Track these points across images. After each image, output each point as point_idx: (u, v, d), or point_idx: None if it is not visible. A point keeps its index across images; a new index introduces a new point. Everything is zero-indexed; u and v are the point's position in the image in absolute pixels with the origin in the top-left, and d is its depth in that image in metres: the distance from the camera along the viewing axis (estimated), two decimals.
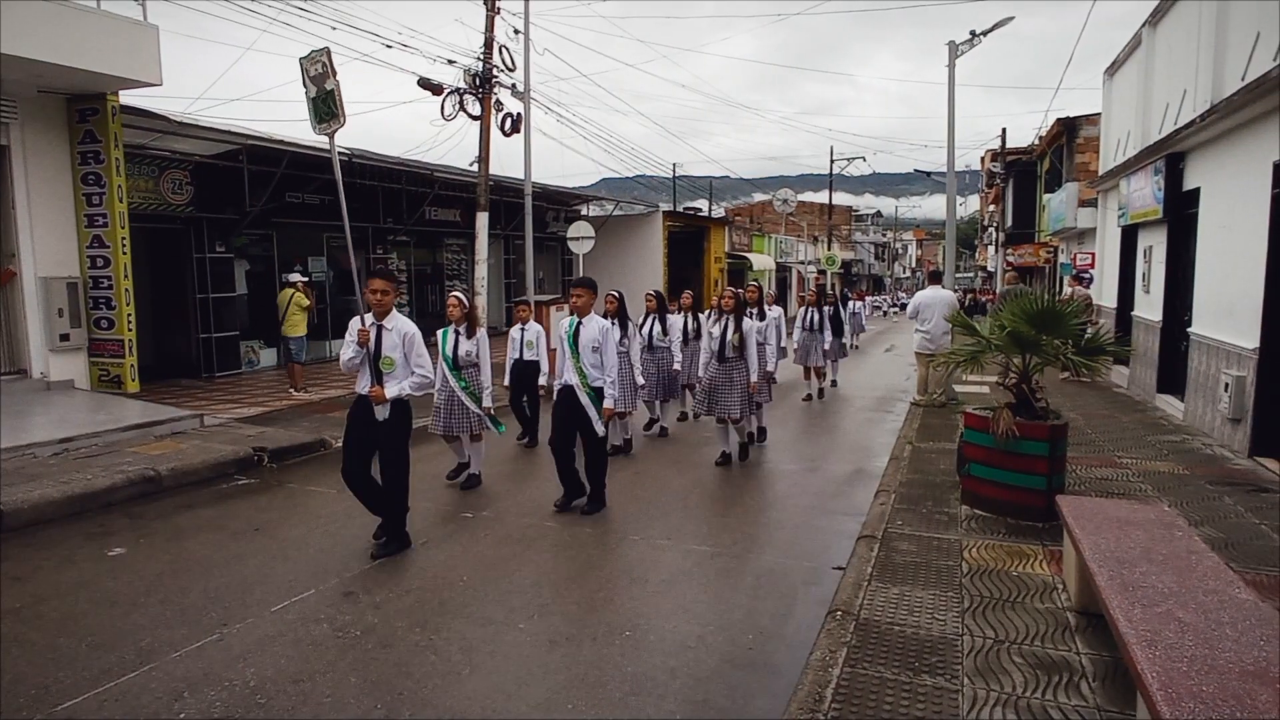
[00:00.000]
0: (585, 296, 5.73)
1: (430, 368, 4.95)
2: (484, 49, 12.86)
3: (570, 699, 3.27)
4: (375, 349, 4.80)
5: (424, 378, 4.91)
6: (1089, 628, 3.54)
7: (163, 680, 3.41)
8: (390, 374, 4.83)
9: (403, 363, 4.86)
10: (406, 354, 4.86)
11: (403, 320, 4.93)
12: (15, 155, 9.06)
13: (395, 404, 4.85)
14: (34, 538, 5.33)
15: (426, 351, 4.94)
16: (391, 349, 4.83)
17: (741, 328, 7.01)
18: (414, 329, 4.90)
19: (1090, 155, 17.40)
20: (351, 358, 4.86)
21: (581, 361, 5.63)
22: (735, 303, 7.13)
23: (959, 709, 2.90)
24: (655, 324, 8.65)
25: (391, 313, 4.90)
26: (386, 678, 3.44)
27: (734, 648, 3.74)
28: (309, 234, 15.18)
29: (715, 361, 7.14)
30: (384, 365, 4.82)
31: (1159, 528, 3.54)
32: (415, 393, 4.90)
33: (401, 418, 4.91)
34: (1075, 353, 5.27)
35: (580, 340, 5.64)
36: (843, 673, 3.16)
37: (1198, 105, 8.05)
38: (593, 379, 5.63)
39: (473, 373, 6.45)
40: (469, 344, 6.42)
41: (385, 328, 4.84)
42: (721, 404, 7.09)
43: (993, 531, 4.95)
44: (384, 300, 4.81)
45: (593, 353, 5.62)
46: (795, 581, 4.58)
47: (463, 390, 6.35)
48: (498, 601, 4.27)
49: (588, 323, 5.71)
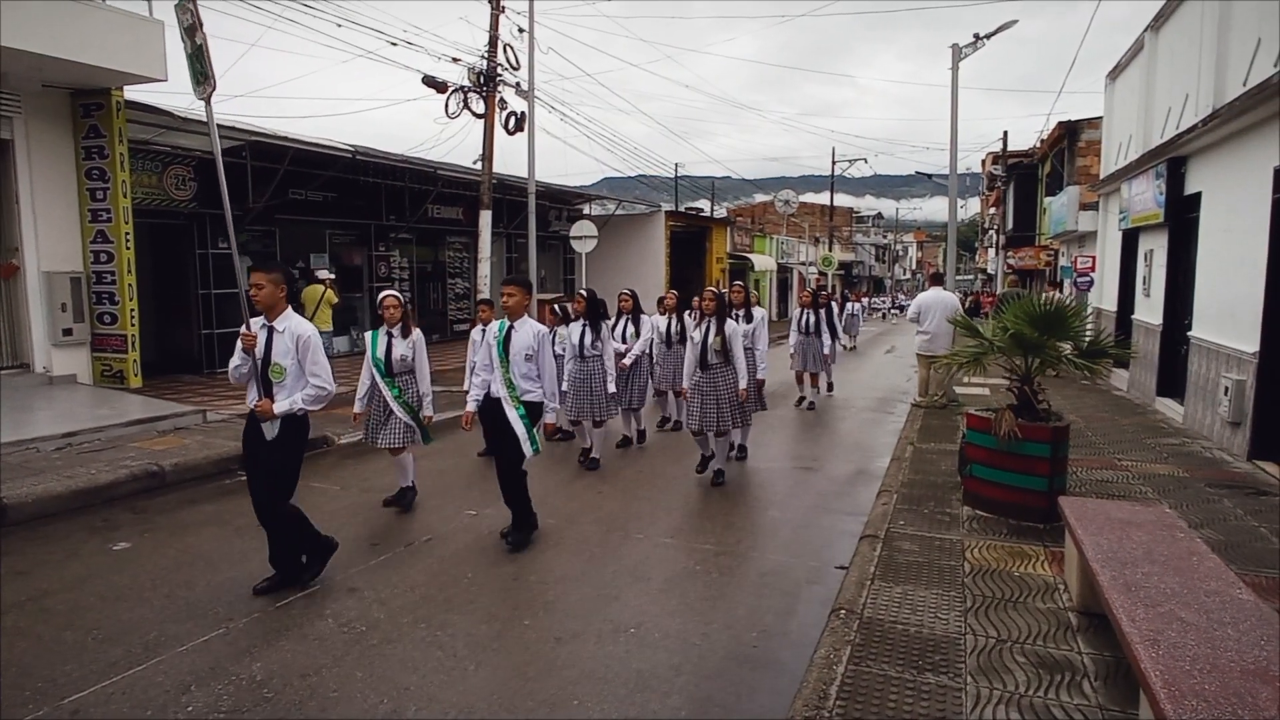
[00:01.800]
0: (517, 295, 4.99)
1: (329, 378, 4.24)
2: (488, 47, 12.88)
3: (576, 695, 3.29)
4: (264, 355, 4.14)
5: (320, 389, 4.19)
6: (1090, 628, 3.56)
7: (169, 674, 3.43)
8: (280, 384, 4.15)
9: (296, 371, 4.19)
10: (300, 360, 4.18)
11: (297, 321, 4.25)
12: (19, 149, 9.08)
13: (287, 421, 4.18)
14: (37, 532, 5.35)
15: (325, 359, 4.26)
16: (282, 355, 4.15)
17: (724, 330, 6.43)
18: (310, 331, 4.23)
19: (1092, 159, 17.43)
20: (238, 365, 4.20)
21: (511, 371, 4.95)
22: (716, 304, 6.53)
23: (962, 707, 2.93)
24: (628, 325, 8.16)
25: (285, 312, 4.21)
26: (392, 673, 3.46)
27: (738, 645, 3.76)
28: (311, 230, 15.20)
29: (699, 369, 6.51)
30: (273, 374, 4.14)
31: (1160, 529, 3.56)
32: (311, 407, 4.21)
33: (292, 436, 4.22)
34: (1077, 355, 5.29)
35: (511, 347, 4.97)
36: (847, 670, 3.18)
37: (1199, 110, 8.08)
38: (523, 392, 4.96)
39: (408, 380, 5.79)
40: (404, 346, 5.75)
41: (276, 330, 4.15)
42: (705, 415, 6.44)
43: (994, 532, 4.98)
44: (261, 295, 4.11)
45: (525, 361, 4.96)
46: (799, 580, 4.60)
47: (395, 399, 5.70)
48: (502, 598, 4.29)
49: (520, 327, 5.01)
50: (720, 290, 6.78)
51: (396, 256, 17.49)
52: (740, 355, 6.50)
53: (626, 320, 8.16)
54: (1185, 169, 8.92)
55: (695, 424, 6.51)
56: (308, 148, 12.57)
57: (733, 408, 6.48)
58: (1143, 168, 10.11)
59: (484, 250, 13.47)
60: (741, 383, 6.47)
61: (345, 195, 15.12)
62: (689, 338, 6.78)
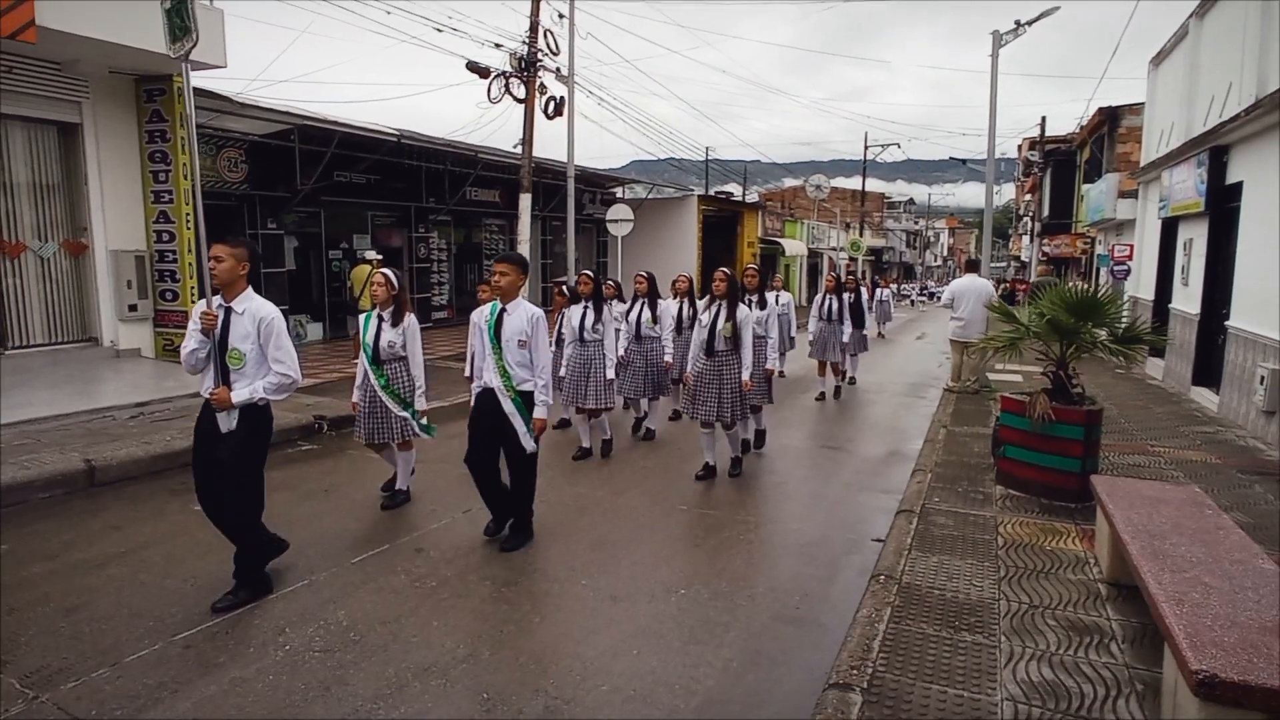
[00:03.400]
0: (511, 275, 4.58)
1: (294, 364, 3.88)
2: (529, 33, 13.09)
3: (634, 646, 3.57)
4: (221, 338, 3.78)
5: (284, 376, 3.84)
6: (1119, 597, 3.77)
7: (265, 618, 3.78)
8: (239, 371, 3.80)
9: (257, 357, 3.83)
10: (262, 345, 3.82)
11: (259, 302, 3.87)
12: (88, 133, 9.51)
13: (246, 411, 3.81)
14: (124, 492, 5.76)
15: (290, 344, 3.90)
16: (241, 339, 3.78)
17: (735, 316, 6.01)
18: (274, 313, 3.86)
19: (1132, 145, 17.23)
20: (194, 350, 3.80)
21: (505, 359, 4.56)
22: (728, 286, 6.05)
23: (997, 661, 3.16)
24: (644, 310, 7.54)
25: (245, 292, 3.84)
26: (465, 622, 3.78)
27: (782, 607, 4.03)
28: (355, 211, 15.61)
29: (704, 355, 6.10)
30: (231, 360, 3.78)
31: (1189, 506, 3.75)
32: (273, 396, 3.86)
33: (253, 429, 3.86)
34: (1113, 340, 5.44)
35: (504, 332, 4.58)
36: (888, 628, 3.43)
37: (1243, 99, 8.07)
38: (519, 380, 4.58)
39: (397, 368, 5.34)
40: (393, 333, 5.27)
41: (234, 311, 3.79)
42: (707, 405, 6.06)
43: (1027, 510, 5.18)
44: (219, 270, 3.74)
45: (519, 348, 4.57)
46: (837, 551, 4.85)
47: (383, 389, 5.28)
48: (558, 562, 4.59)
49: (514, 310, 4.61)
50: (731, 272, 6.27)
51: (435, 238, 17.87)
52: (748, 344, 6.05)
53: (643, 304, 7.58)
54: (1227, 158, 8.90)
55: (698, 414, 6.14)
56: (355, 131, 12.92)
57: (735, 399, 6.07)
58: (1184, 156, 10.08)
59: (523, 233, 13.76)
60: (745, 374, 6.01)
61: (387, 178, 15.48)
62: (698, 321, 6.34)
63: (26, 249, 9.19)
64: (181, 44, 4.15)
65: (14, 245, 9.05)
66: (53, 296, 9.49)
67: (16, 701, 3.02)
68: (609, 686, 3.22)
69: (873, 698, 2.88)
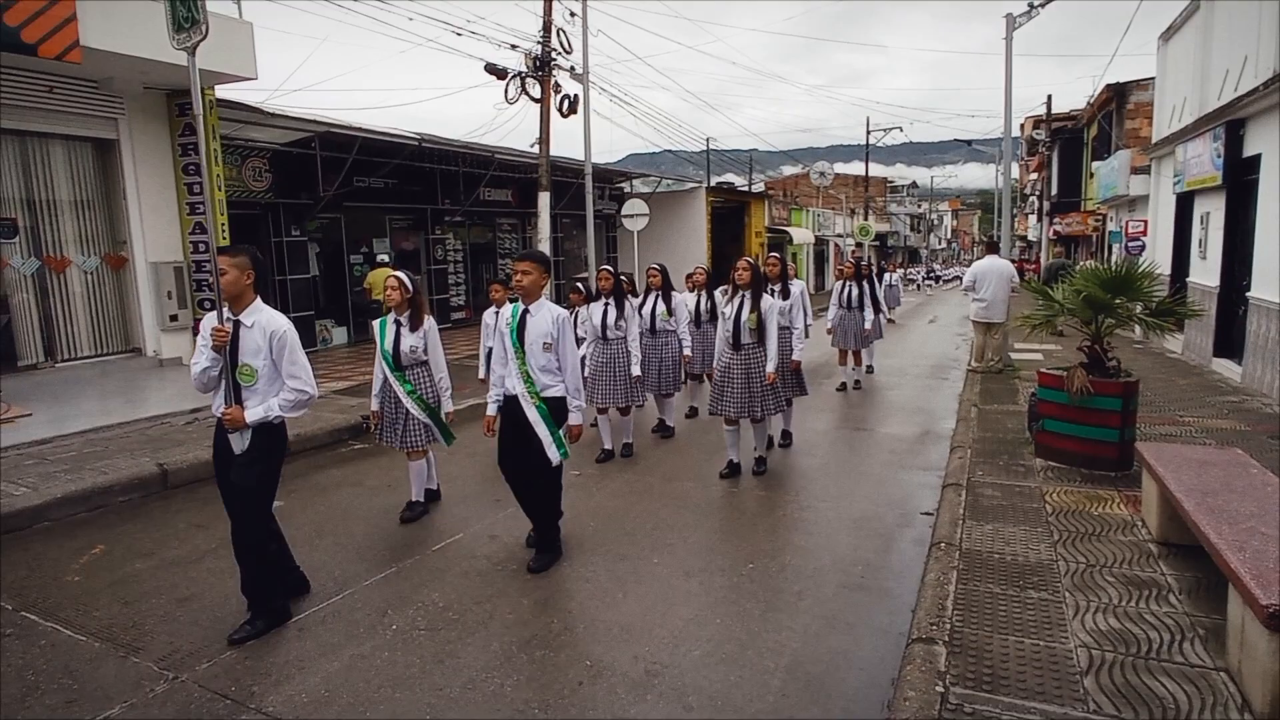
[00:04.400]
0: (534, 274, 4.27)
1: (310, 379, 3.70)
2: (542, 32, 13.29)
3: (716, 615, 3.81)
4: (231, 354, 3.58)
5: (300, 392, 3.65)
6: (1171, 555, 3.99)
7: (365, 601, 4.02)
8: (251, 388, 3.59)
9: (269, 372, 3.62)
10: (275, 360, 3.62)
11: (269, 314, 3.66)
12: (124, 149, 9.75)
13: (260, 431, 3.61)
14: (197, 493, 6.01)
15: (304, 357, 3.73)
16: (252, 354, 3.59)
17: (760, 307, 5.79)
18: (285, 325, 3.67)
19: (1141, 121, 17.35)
20: (206, 368, 3.59)
21: (528, 364, 4.27)
22: (752, 276, 5.83)
23: (1065, 615, 3.39)
24: (658, 303, 7.35)
25: (254, 304, 3.64)
26: (554, 600, 4.02)
27: (847, 576, 4.25)
28: (374, 216, 15.85)
29: (729, 349, 5.91)
30: (242, 376, 3.58)
31: (1235, 466, 3.96)
32: (289, 414, 3.66)
33: (266, 450, 3.65)
34: (1148, 314, 5.64)
35: (527, 335, 4.28)
36: (957, 589, 3.66)
37: (1260, 73, 8.23)
38: (543, 387, 4.28)
39: (420, 373, 5.21)
40: (414, 338, 5.13)
41: (244, 324, 3.60)
42: (736, 401, 5.87)
43: (1069, 480, 5.39)
44: (224, 282, 3.54)
45: (544, 352, 4.27)
46: (890, 525, 5.07)
47: (409, 395, 5.16)
48: (627, 541, 4.82)
49: (537, 311, 4.30)
50: (754, 261, 6.00)
51: (451, 239, 18.11)
52: (774, 335, 5.85)
53: (656, 297, 7.38)
54: (1244, 131, 9.06)
55: (728, 409, 5.91)
56: (375, 137, 13.14)
57: (765, 392, 5.87)
58: (1199, 130, 10.23)
59: (543, 231, 13.98)
60: (770, 365, 5.83)
61: (404, 181, 15.71)
62: (720, 314, 6.13)
63: (71, 263, 9.45)
64: (188, 35, 3.82)
65: (59, 260, 9.32)
66: (97, 309, 9.76)
67: (159, 682, 3.27)
68: (701, 651, 3.46)
69: (956, 649, 3.11)
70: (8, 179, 9.01)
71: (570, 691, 3.16)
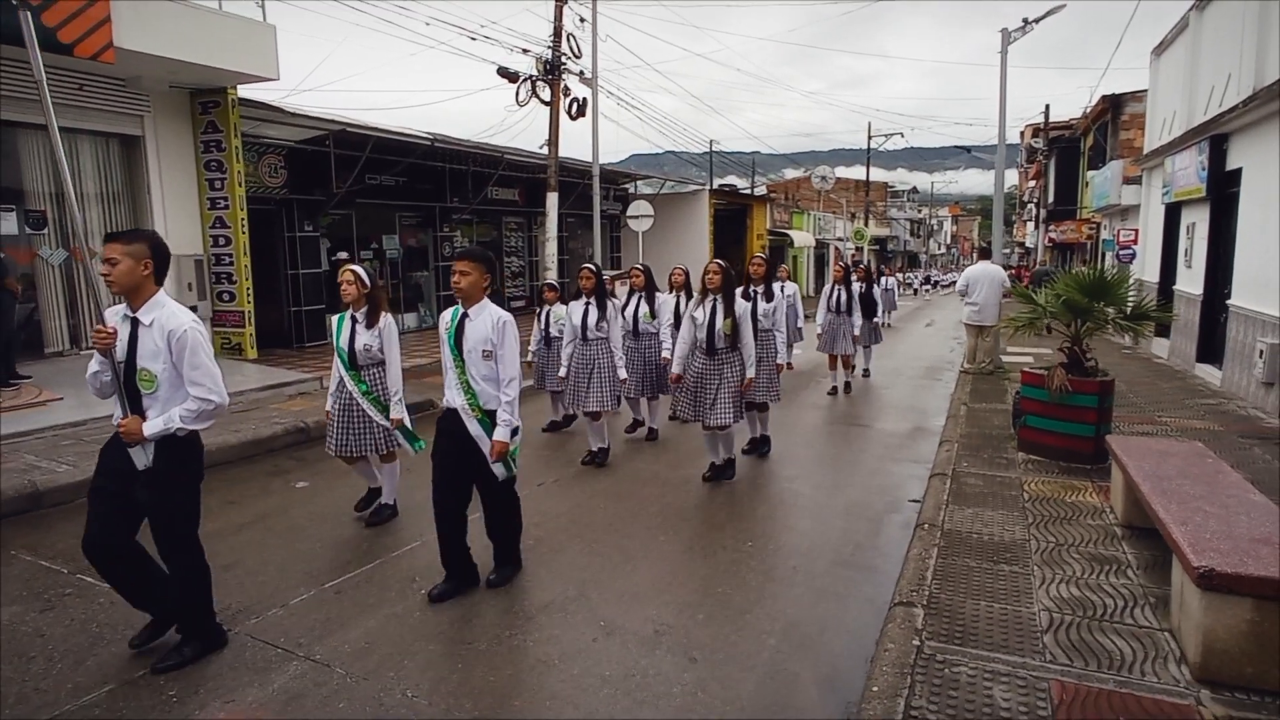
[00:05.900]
0: (473, 274, 3.85)
1: (217, 386, 3.19)
2: (553, 37, 13.65)
3: (719, 585, 4.17)
4: (126, 357, 3.12)
5: (204, 401, 3.14)
6: (1133, 536, 4.36)
7: (394, 570, 4.38)
8: (152, 395, 3.14)
9: (171, 378, 3.14)
10: (176, 363, 3.13)
11: (170, 311, 3.17)
12: (149, 145, 10.12)
13: (164, 445, 3.15)
14: (227, 474, 6.37)
15: (211, 361, 3.20)
16: (151, 357, 3.12)
17: (734, 311, 5.54)
18: (187, 323, 3.15)
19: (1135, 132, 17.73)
20: (96, 372, 3.18)
21: (469, 373, 3.87)
22: (723, 279, 5.53)
23: (1032, 585, 3.76)
24: (641, 305, 7.11)
25: (153, 299, 3.15)
26: (569, 570, 4.38)
27: (838, 555, 4.62)
28: (384, 213, 16.21)
29: (703, 354, 5.68)
30: (141, 382, 3.12)
31: (1193, 457, 4.34)
32: (194, 425, 3.16)
33: (177, 463, 3.20)
34: (1123, 318, 6.01)
35: (465, 342, 3.88)
36: (937, 562, 4.03)
37: (1241, 90, 8.60)
38: (485, 399, 3.89)
39: (377, 373, 4.96)
40: (368, 336, 4.86)
41: (141, 322, 3.13)
42: (702, 407, 5.65)
43: (1047, 471, 5.76)
44: (114, 274, 3.06)
45: (484, 360, 3.87)
46: (879, 510, 5.44)
47: (365, 396, 4.91)
48: (634, 522, 5.18)
49: (476, 315, 3.90)
50: (725, 264, 5.68)
51: (459, 237, 18.46)
52: (749, 341, 5.63)
53: (639, 298, 7.14)
54: (1227, 146, 9.44)
55: (699, 417, 5.68)
56: (389, 136, 13.50)
57: (735, 400, 5.62)
58: (1186, 144, 10.61)
59: (550, 230, 14.36)
60: (749, 371, 5.63)
61: (414, 179, 16.07)
62: (690, 316, 5.82)
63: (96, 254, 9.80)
64: None
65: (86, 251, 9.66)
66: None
67: None
68: (704, 615, 3.82)
69: (932, 611, 3.48)
70: (38, 173, 9.37)
71: (586, 645, 3.52)
